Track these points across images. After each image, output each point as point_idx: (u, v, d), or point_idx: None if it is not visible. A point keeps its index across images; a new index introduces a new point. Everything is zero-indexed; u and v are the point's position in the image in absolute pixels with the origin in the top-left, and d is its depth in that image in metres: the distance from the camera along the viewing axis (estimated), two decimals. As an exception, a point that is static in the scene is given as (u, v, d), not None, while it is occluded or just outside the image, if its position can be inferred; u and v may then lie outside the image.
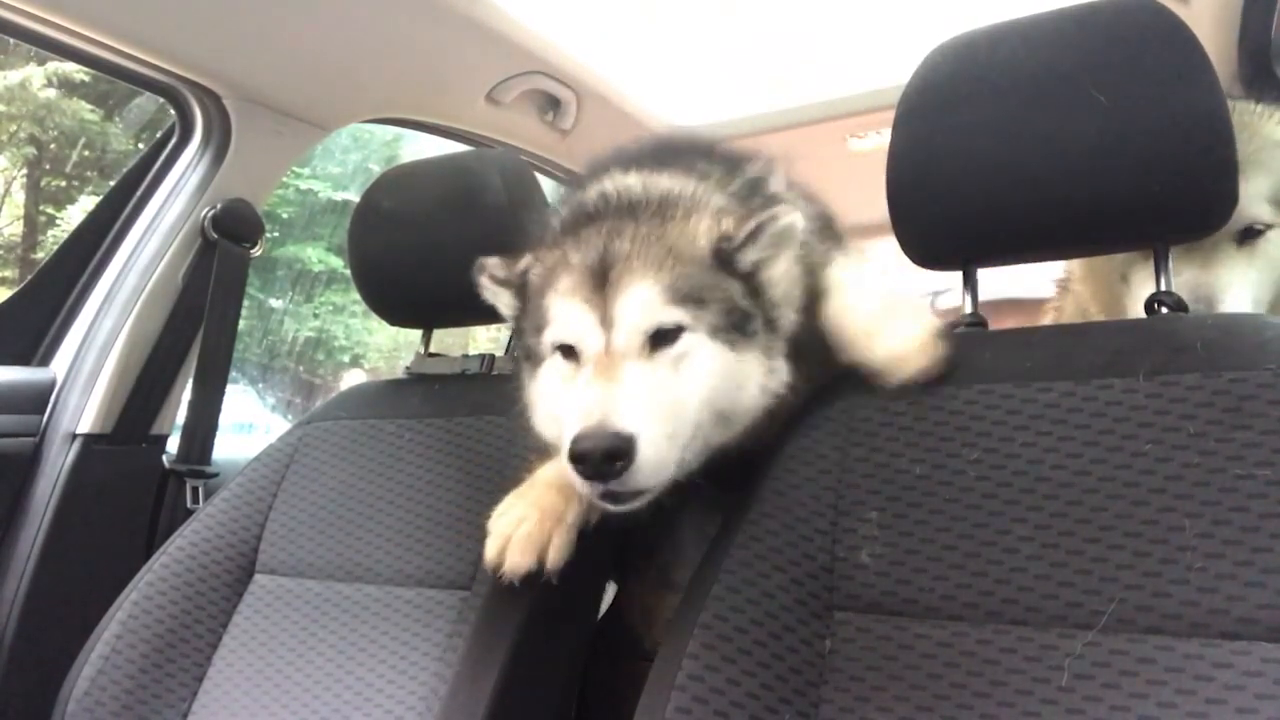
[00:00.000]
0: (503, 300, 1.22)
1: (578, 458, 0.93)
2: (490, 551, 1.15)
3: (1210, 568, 0.83)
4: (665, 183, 1.16)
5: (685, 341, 1.03)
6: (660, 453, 0.96)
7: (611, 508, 1.02)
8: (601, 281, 1.04)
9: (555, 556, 1.12)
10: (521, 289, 1.18)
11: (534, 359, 1.13)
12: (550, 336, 1.08)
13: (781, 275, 1.12)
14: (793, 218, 1.09)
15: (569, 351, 1.07)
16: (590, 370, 1.02)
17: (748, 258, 1.08)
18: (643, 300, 1.03)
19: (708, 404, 1.03)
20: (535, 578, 1.11)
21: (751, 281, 1.09)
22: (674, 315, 1.03)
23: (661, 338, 1.02)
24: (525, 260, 1.19)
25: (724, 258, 1.08)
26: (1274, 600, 0.80)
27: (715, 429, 1.07)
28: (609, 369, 1.00)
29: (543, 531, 1.13)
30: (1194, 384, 0.93)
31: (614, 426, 0.93)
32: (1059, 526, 0.92)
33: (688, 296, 1.03)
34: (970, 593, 0.92)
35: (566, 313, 1.06)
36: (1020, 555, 0.92)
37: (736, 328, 1.06)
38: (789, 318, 1.13)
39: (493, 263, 1.22)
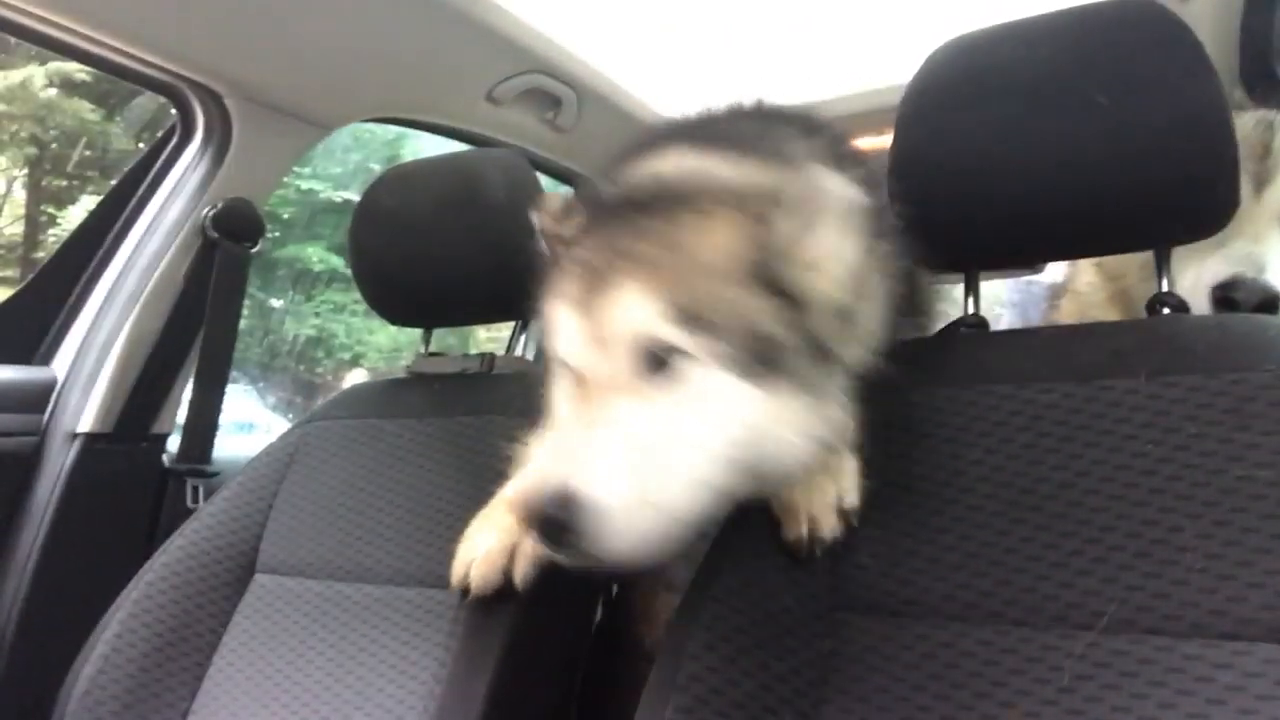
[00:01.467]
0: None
1: (522, 519, 0.81)
2: (455, 576, 1.14)
3: (1211, 568, 0.83)
4: (708, 165, 0.96)
5: (685, 372, 0.84)
6: (632, 521, 0.79)
7: (571, 564, 0.83)
8: (597, 288, 0.87)
9: (522, 576, 1.11)
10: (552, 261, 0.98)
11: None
12: (553, 347, 0.92)
13: (833, 284, 0.89)
14: (834, 184, 0.87)
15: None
16: (575, 402, 0.87)
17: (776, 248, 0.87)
18: (630, 311, 0.85)
19: (718, 456, 0.84)
20: (508, 593, 1.11)
21: (789, 295, 0.87)
22: (670, 337, 0.83)
23: (659, 364, 0.84)
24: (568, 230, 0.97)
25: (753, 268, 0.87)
26: (1275, 601, 0.80)
27: (739, 481, 0.87)
28: (592, 402, 0.85)
29: (506, 552, 1.12)
30: (1195, 385, 0.93)
31: (568, 489, 0.77)
32: (1060, 527, 0.92)
33: (691, 315, 0.83)
34: (971, 593, 0.92)
35: (557, 323, 0.91)
36: (1021, 556, 0.92)
37: (763, 359, 0.85)
38: (853, 351, 0.93)
39: (553, 206, 0.98)
